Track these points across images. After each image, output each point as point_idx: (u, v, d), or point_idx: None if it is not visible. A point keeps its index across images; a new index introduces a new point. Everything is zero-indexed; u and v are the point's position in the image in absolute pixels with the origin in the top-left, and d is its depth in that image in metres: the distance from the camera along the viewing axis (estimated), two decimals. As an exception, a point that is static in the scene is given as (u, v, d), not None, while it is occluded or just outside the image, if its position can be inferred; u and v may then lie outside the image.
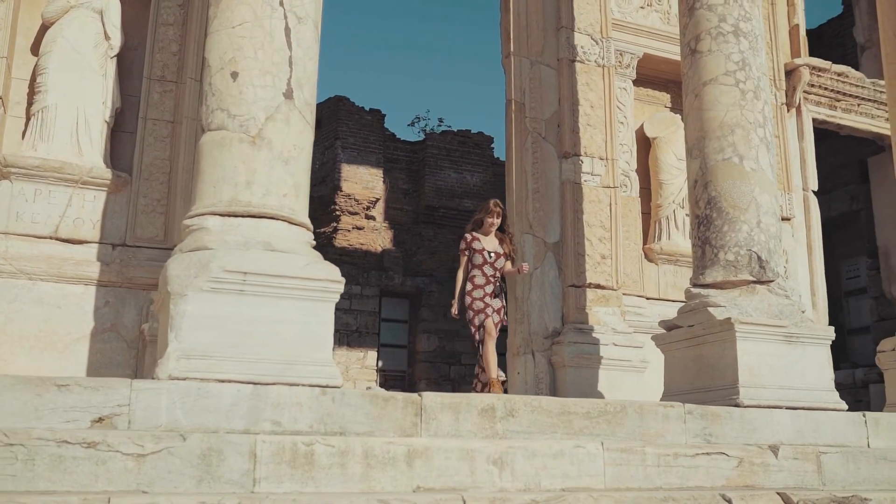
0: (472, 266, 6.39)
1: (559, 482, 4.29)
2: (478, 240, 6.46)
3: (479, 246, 6.42)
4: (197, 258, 4.31)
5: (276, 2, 4.83)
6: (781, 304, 5.85)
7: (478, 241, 6.45)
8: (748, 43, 6.27)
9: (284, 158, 4.68)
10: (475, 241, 6.45)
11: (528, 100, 8.29)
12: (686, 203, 8.76)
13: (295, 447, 3.83)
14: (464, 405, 4.56)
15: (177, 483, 3.59)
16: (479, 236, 6.48)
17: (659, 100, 9.50)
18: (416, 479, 4.01)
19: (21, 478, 3.37)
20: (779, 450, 4.95)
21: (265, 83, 4.70)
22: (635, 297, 8.33)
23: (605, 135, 8.40)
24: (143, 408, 3.89)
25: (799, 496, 4.36)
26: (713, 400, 5.48)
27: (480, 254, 6.39)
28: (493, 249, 6.44)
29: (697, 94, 6.31)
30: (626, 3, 9.02)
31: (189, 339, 4.16)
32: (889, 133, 10.02)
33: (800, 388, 5.62)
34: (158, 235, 6.61)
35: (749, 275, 5.90)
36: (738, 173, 6.02)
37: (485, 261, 6.37)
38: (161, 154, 6.75)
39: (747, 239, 5.91)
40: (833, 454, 5.15)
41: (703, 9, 6.38)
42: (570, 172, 8.20)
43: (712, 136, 6.15)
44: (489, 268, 6.38)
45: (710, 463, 4.74)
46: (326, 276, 4.47)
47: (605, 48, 8.61)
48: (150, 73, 6.87)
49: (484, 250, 6.40)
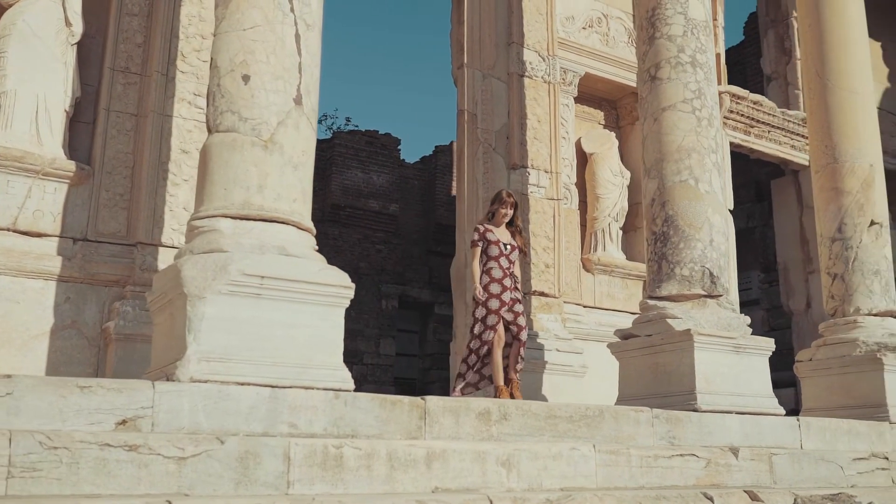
0: (487, 258, 6.11)
1: (558, 482, 4.56)
2: (491, 231, 6.19)
3: (494, 237, 6.15)
4: (213, 260, 4.30)
5: (287, 7, 4.87)
6: (729, 317, 6.36)
7: (491, 232, 6.18)
8: (703, 74, 6.76)
9: (294, 164, 4.73)
10: (489, 231, 6.18)
11: (480, 111, 8.55)
12: (620, 216, 9.32)
13: (326, 450, 3.93)
14: (463, 409, 4.76)
15: (216, 486, 3.62)
16: (491, 227, 6.22)
17: (594, 117, 9.98)
18: (435, 479, 4.18)
19: (66, 481, 3.33)
20: (738, 451, 5.41)
21: (277, 88, 4.73)
22: (574, 304, 8.74)
23: (550, 149, 8.77)
24: (166, 410, 3.88)
25: (765, 492, 4.81)
26: (671, 405, 5.89)
27: (496, 245, 6.12)
28: (508, 241, 6.21)
29: (657, 119, 6.74)
30: (571, 24, 9.44)
31: (208, 341, 4.16)
32: (792, 158, 10.94)
33: (747, 395, 6.13)
34: (121, 231, 6.46)
35: (701, 289, 6.37)
36: (693, 194, 6.48)
37: (501, 252, 6.11)
38: (124, 148, 6.59)
39: (701, 256, 6.38)
40: (782, 455, 5.67)
41: (664, 39, 6.82)
42: (518, 183, 8.52)
43: (670, 159, 6.59)
44: (505, 260, 6.12)
45: (683, 464, 5.14)
46: (339, 281, 4.56)
47: (551, 65, 8.99)
48: (114, 64, 6.70)
49: (499, 241, 6.15)
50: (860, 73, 8.10)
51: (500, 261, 6.10)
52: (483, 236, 6.17)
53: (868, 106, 8.06)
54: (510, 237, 6.25)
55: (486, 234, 6.17)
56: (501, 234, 6.21)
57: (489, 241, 6.13)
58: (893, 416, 7.02)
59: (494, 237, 6.15)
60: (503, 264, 6.10)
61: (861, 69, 8.11)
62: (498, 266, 6.09)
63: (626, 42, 9.86)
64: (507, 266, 6.11)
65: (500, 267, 6.09)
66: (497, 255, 6.10)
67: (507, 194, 6.29)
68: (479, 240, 6.18)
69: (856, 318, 7.54)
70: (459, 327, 8.15)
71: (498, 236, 6.17)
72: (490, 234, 6.16)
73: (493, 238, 6.14)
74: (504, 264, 6.10)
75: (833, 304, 7.77)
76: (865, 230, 7.65)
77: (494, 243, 6.12)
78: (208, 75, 6.68)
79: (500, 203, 6.22)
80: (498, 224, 6.25)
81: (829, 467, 5.87)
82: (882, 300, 7.60)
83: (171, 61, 6.78)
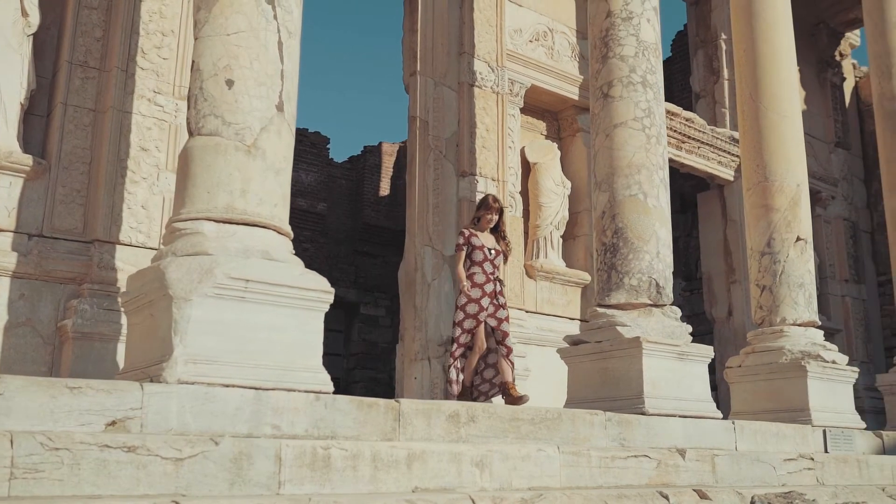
0: (471, 263, 6.12)
1: (526, 482, 4.78)
2: (476, 236, 6.20)
3: (479, 242, 6.17)
4: (198, 263, 4.34)
5: (270, 14, 4.94)
6: (673, 326, 6.72)
7: (476, 237, 6.20)
8: (653, 94, 7.12)
9: (276, 169, 4.81)
10: (473, 236, 6.19)
11: (432, 118, 8.74)
12: (560, 225, 9.66)
13: (314, 451, 4.03)
14: (434, 411, 4.94)
15: (211, 486, 3.69)
16: (476, 232, 6.23)
17: (536, 127, 10.29)
18: (415, 480, 4.34)
19: (67, 482, 3.34)
20: (685, 453, 5.75)
21: (260, 94, 4.79)
22: (517, 310, 8.99)
23: (498, 157, 9.03)
24: (155, 411, 3.92)
25: (712, 490, 5.16)
26: (620, 408, 6.21)
27: (481, 250, 6.14)
28: (493, 246, 6.23)
29: (608, 135, 7.06)
30: (518, 36, 9.72)
31: (195, 343, 4.20)
32: (718, 174, 11.52)
33: (689, 399, 6.51)
34: (77, 227, 6.37)
35: (648, 299, 6.72)
36: (642, 208, 6.82)
37: (485, 257, 6.13)
38: (82, 143, 6.49)
39: (649, 267, 6.73)
40: (723, 456, 6.05)
41: (616, 59, 7.15)
42: (467, 190, 8.74)
43: (621, 174, 6.91)
44: (489, 265, 6.13)
45: (637, 464, 5.44)
46: (319, 286, 4.66)
47: (499, 76, 9.25)
48: (72, 58, 6.59)
49: (484, 247, 6.17)
50: (789, 98, 8.65)
51: (483, 266, 6.11)
52: (468, 241, 6.17)
53: (796, 129, 8.61)
54: (495, 242, 6.27)
55: (471, 238, 6.18)
56: (486, 240, 6.22)
57: (473, 246, 6.14)
58: (815, 419, 7.54)
59: (479, 242, 6.17)
60: (487, 269, 6.10)
61: (790, 94, 8.66)
62: (482, 271, 6.10)
63: (569, 56, 10.21)
64: (491, 271, 6.12)
65: (484, 272, 6.10)
66: (481, 260, 6.11)
67: (493, 199, 6.32)
68: (463, 244, 6.20)
69: (782, 327, 8.05)
70: (408, 330, 8.32)
71: (482, 241, 6.19)
72: (475, 239, 6.17)
73: (477, 243, 6.16)
74: (488, 269, 6.11)
75: (761, 314, 8.27)
76: (792, 245, 8.18)
77: (479, 248, 6.14)
78: (168, 72, 6.72)
79: (485, 208, 6.25)
80: (483, 229, 6.27)
81: (764, 467, 6.29)
82: (805, 311, 8.14)
83: (132, 57, 6.71)
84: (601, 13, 7.34)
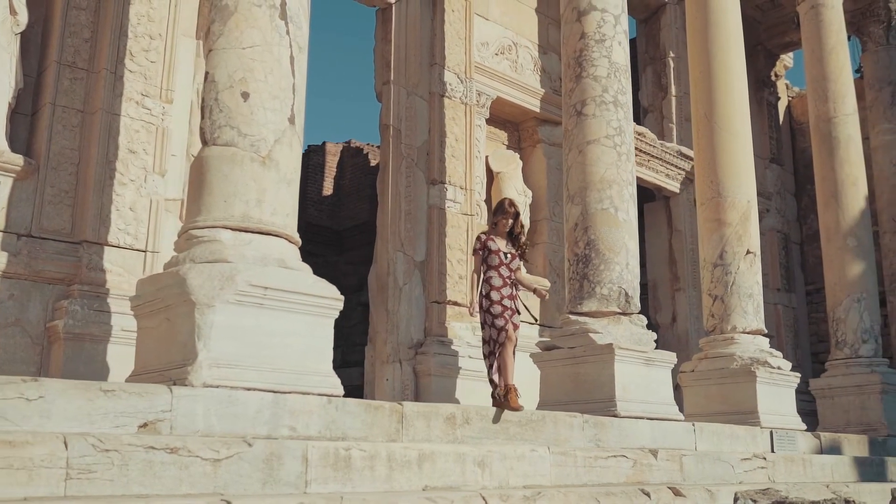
0: (487, 267, 6.15)
1: (521, 480, 5.10)
2: (492, 240, 6.23)
3: (495, 247, 6.20)
4: (219, 270, 4.50)
5: (283, 30, 5.11)
6: (640, 333, 7.14)
7: (493, 241, 6.23)
8: (623, 113, 7.52)
9: (287, 180, 4.99)
10: (490, 241, 6.23)
11: (404, 127, 8.97)
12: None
13: (337, 452, 4.25)
14: (433, 413, 5.21)
15: (246, 485, 3.87)
16: (493, 237, 6.27)
17: (499, 137, 10.62)
18: (425, 479, 4.59)
19: (118, 482, 3.49)
20: (658, 453, 6.16)
21: (274, 107, 4.97)
22: (482, 314, 9.30)
23: (466, 166, 9.32)
24: (183, 413, 4.08)
25: (677, 486, 5.57)
26: (592, 410, 6.58)
27: (497, 255, 6.17)
28: (508, 251, 6.26)
29: (581, 151, 7.43)
30: (485, 49, 10.04)
31: (217, 348, 4.36)
32: (666, 186, 12.08)
33: (654, 403, 6.93)
34: (65, 228, 6.38)
35: (617, 307, 7.12)
36: (613, 222, 7.22)
37: (501, 262, 6.15)
38: (70, 144, 6.51)
39: (619, 277, 7.13)
40: (689, 456, 6.49)
41: (590, 79, 7.53)
42: (437, 198, 9.00)
43: (593, 188, 7.30)
44: (505, 269, 6.16)
45: (616, 463, 5.82)
46: (331, 294, 4.88)
47: (468, 87, 9.54)
48: (61, 58, 6.59)
49: (499, 251, 6.19)
50: (741, 118, 9.20)
51: (500, 270, 6.16)
52: (484, 245, 6.24)
53: (747, 148, 9.17)
54: (511, 246, 6.33)
55: (488, 243, 6.24)
56: (502, 244, 6.27)
57: (490, 251, 6.19)
58: (763, 421, 8.08)
59: (495, 247, 6.21)
60: (503, 273, 6.16)
61: (742, 115, 9.22)
62: (498, 275, 6.15)
63: (531, 70, 10.58)
64: (508, 275, 6.18)
65: (500, 276, 6.15)
66: (497, 264, 6.17)
67: (510, 204, 6.38)
68: (479, 248, 6.25)
69: (733, 335, 8.58)
70: (380, 333, 8.53)
71: (498, 245, 6.23)
72: (491, 244, 6.22)
73: (493, 248, 6.21)
74: (504, 273, 6.17)
75: (713, 322, 8.79)
76: (743, 258, 8.73)
77: (495, 252, 6.19)
78: (156, 75, 6.80)
79: (501, 213, 6.31)
80: (500, 234, 6.31)
81: (724, 466, 6.76)
82: (754, 320, 8.70)
83: (120, 59, 6.75)
84: (575, 34, 7.71)
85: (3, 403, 3.59)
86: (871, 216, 11.42)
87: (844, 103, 11.28)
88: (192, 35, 7.32)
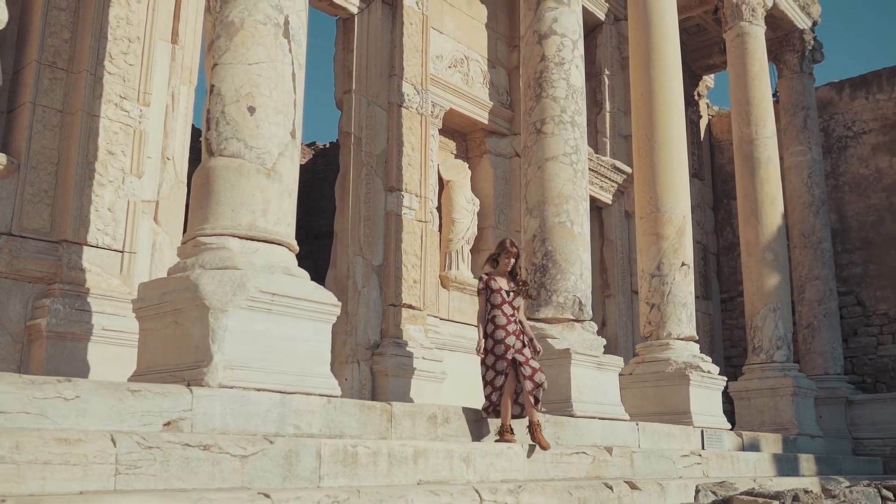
0: (491, 306, 6.24)
1: (500, 475, 5.51)
2: (494, 280, 6.33)
3: (497, 286, 6.29)
4: (229, 277, 4.74)
5: (286, 48, 5.38)
6: (591, 339, 7.68)
7: (494, 280, 6.32)
8: (580, 133, 8.06)
9: (289, 192, 5.27)
10: (492, 280, 6.32)
11: (365, 136, 9.27)
12: (471, 240, 10.46)
13: (346, 449, 4.56)
14: (418, 413, 5.59)
15: (269, 480, 4.15)
16: (494, 276, 6.37)
17: (447, 146, 11.05)
18: (419, 473, 4.95)
19: (160, 477, 3.72)
20: (612, 450, 6.69)
21: (278, 121, 5.23)
22: (433, 317, 9.71)
23: (421, 175, 9.69)
24: (203, 412, 4.32)
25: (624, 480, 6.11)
26: (550, 411, 7.04)
27: (499, 293, 6.25)
28: (511, 289, 6.34)
29: (540, 167, 7.93)
30: (439, 62, 10.43)
31: (231, 350, 4.61)
32: (600, 197, 12.74)
33: (605, 404, 7.48)
34: (45, 227, 6.44)
35: (571, 315, 7.64)
36: (569, 234, 7.74)
37: (503, 300, 6.23)
38: (50, 143, 6.56)
39: (573, 287, 7.65)
40: (638, 453, 7.04)
41: (549, 99, 8.03)
42: (394, 205, 9.34)
43: (551, 203, 7.80)
44: (508, 307, 6.23)
45: (578, 460, 6.31)
46: (329, 300, 5.18)
47: (424, 98, 9.91)
48: (41, 58, 6.62)
49: (501, 290, 6.28)
50: (678, 138, 9.89)
51: (503, 308, 6.21)
52: (487, 285, 6.32)
53: (684, 166, 9.86)
54: (512, 284, 6.40)
55: (490, 282, 6.33)
56: (503, 283, 6.36)
57: (492, 290, 6.29)
58: (695, 421, 8.76)
59: (497, 285, 6.30)
60: (507, 311, 6.22)
61: (680, 136, 9.90)
62: (502, 313, 6.20)
63: (481, 83, 11.04)
64: (511, 313, 6.24)
65: (504, 314, 6.20)
66: (500, 302, 6.23)
67: (511, 244, 6.46)
68: (483, 289, 6.35)
69: (668, 341, 9.25)
70: (339, 334, 8.78)
71: (500, 284, 6.32)
72: (493, 283, 6.31)
73: (495, 286, 6.29)
74: (508, 311, 6.22)
75: (650, 329, 9.44)
76: (678, 269, 9.40)
77: (497, 291, 6.27)
78: (134, 78, 6.94)
79: (504, 253, 6.39)
80: (502, 273, 6.39)
81: (667, 462, 7.36)
82: (687, 327, 9.39)
83: (99, 61, 6.83)
84: (536, 56, 8.20)
85: (44, 402, 3.79)
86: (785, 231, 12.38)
87: (765, 126, 12.19)
88: (168, 39, 7.44)
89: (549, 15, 8.22)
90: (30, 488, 3.29)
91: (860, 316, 14.37)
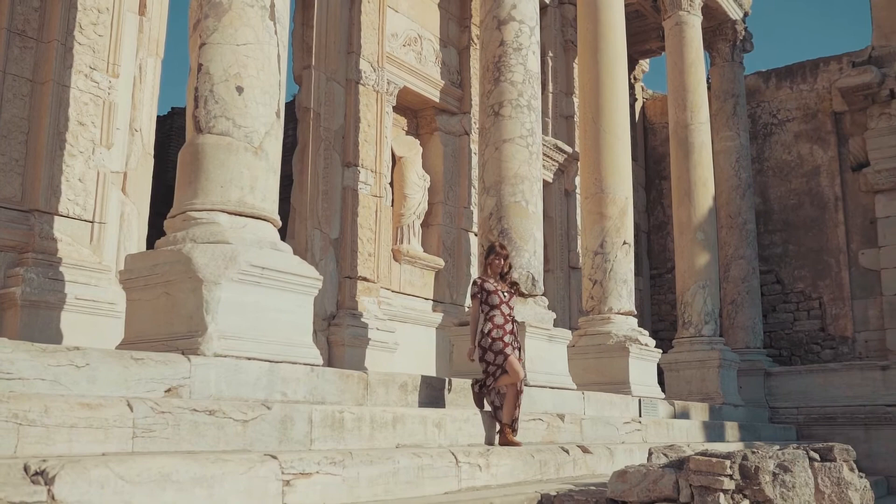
0: (488, 307, 6.32)
1: (467, 439, 5.91)
2: (488, 282, 6.43)
3: (492, 287, 6.40)
4: (221, 251, 4.95)
5: (272, 30, 5.57)
6: (543, 313, 8.13)
7: (489, 282, 6.43)
8: (535, 116, 8.44)
9: (274, 169, 5.49)
10: (486, 282, 6.43)
11: (323, 111, 9.45)
12: (422, 215, 10.77)
13: (334, 415, 4.87)
14: (390, 381, 5.94)
15: (267, 443, 4.43)
16: (488, 279, 6.48)
17: (399, 123, 11.28)
18: (398, 437, 5.30)
19: (172, 440, 3.96)
20: (564, 417, 7.17)
21: (265, 101, 5.43)
22: (385, 290, 10.02)
23: (376, 151, 9.93)
24: (200, 380, 4.57)
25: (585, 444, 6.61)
26: (504, 380, 7.47)
27: (496, 294, 6.35)
28: (506, 289, 6.47)
29: (497, 147, 8.28)
30: (394, 40, 10.64)
31: (224, 321, 4.84)
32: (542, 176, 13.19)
33: (555, 374, 7.96)
34: (16, 196, 6.48)
35: (525, 290, 8.05)
36: (524, 213, 8.13)
37: (501, 300, 6.34)
38: (20, 113, 6.58)
39: (527, 263, 8.06)
40: (587, 420, 7.55)
41: (507, 83, 8.37)
42: (350, 180, 9.57)
43: (507, 183, 8.17)
44: (506, 307, 6.34)
45: (535, 426, 6.76)
46: (312, 274, 5.45)
47: (380, 76, 10.13)
48: (11, 26, 6.61)
49: (497, 290, 6.38)
50: (623, 122, 10.39)
51: (501, 308, 6.33)
52: (482, 288, 6.42)
53: (627, 150, 10.37)
54: (505, 285, 6.53)
55: (484, 285, 6.43)
56: (498, 284, 6.48)
57: (488, 292, 6.38)
58: (634, 391, 9.35)
59: (492, 287, 6.42)
60: (504, 311, 6.34)
61: (624, 120, 10.40)
62: (500, 313, 6.31)
63: (433, 62, 11.30)
64: (508, 312, 6.37)
65: (503, 314, 6.32)
66: (498, 302, 6.34)
67: (501, 246, 6.66)
68: (478, 292, 6.44)
69: (609, 315, 9.79)
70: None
71: (495, 286, 6.44)
72: (488, 285, 6.43)
73: (490, 288, 6.41)
74: (505, 311, 6.35)
75: (592, 303, 9.96)
76: (620, 248, 9.94)
77: (493, 292, 6.38)
78: (103, 50, 7.01)
79: (494, 255, 6.56)
80: (493, 275, 6.52)
81: (611, 428, 7.89)
82: (627, 303, 9.95)
83: (69, 31, 6.84)
84: (495, 41, 8.52)
85: (57, 370, 3.98)
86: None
87: (700, 112, 12.83)
88: (136, 11, 7.47)
89: (508, 1, 8.53)
90: (59, 449, 3.50)
91: (779, 293, 15.33)
